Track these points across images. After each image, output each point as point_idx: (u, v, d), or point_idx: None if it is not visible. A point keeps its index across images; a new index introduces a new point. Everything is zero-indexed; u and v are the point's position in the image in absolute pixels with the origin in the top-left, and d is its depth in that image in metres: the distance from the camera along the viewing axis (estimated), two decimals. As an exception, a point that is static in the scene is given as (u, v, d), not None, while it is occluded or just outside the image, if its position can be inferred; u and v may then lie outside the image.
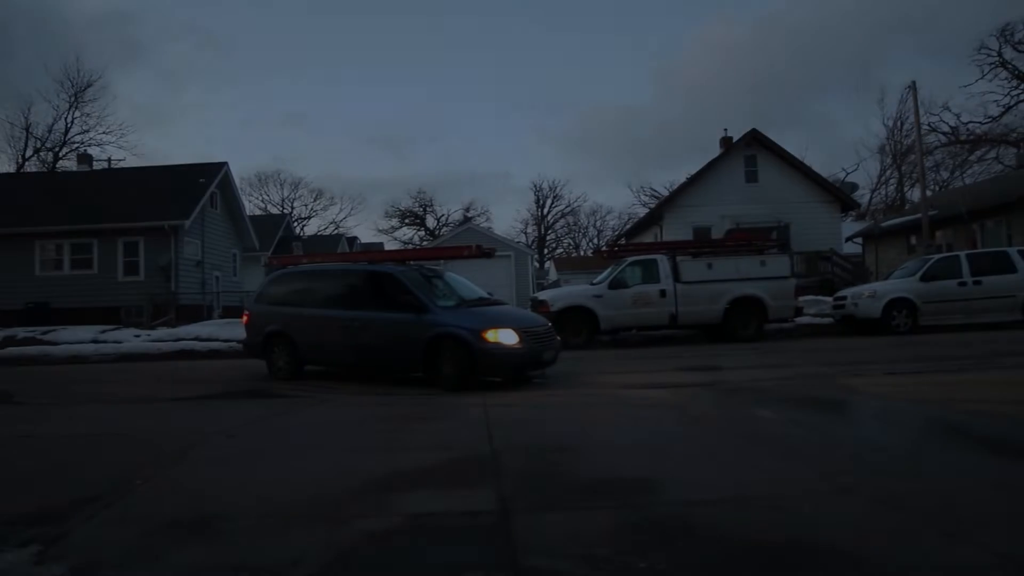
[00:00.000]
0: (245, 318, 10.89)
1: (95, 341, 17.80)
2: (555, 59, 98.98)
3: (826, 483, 3.36)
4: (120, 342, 17.42)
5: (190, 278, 27.22)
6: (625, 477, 3.53)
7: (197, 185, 28.13)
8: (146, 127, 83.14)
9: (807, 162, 32.75)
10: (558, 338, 9.17)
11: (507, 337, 8.12)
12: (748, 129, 28.00)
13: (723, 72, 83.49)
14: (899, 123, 50.20)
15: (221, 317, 25.73)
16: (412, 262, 10.40)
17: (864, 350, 12.03)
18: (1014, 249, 17.27)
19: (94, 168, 34.42)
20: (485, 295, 10.03)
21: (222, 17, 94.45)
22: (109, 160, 37.48)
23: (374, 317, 8.90)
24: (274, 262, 15.16)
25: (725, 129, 29.98)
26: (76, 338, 18.00)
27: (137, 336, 18.64)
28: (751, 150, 28.21)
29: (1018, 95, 45.65)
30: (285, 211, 58.78)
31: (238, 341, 16.23)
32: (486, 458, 4.08)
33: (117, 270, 26.43)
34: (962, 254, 16.99)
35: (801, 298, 16.85)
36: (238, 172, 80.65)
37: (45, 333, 19.28)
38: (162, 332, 19.21)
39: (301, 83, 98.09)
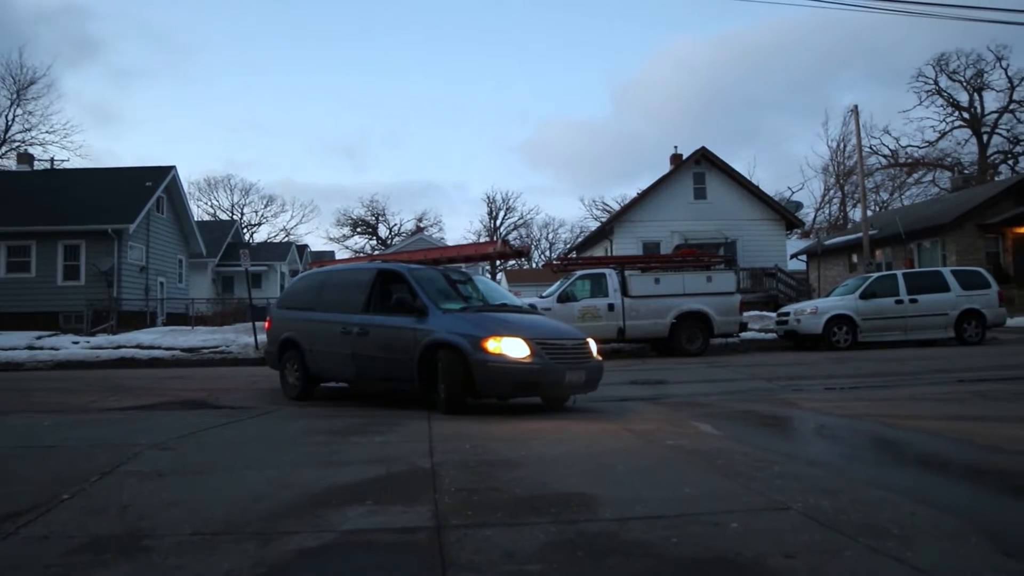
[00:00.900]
0: (267, 323, 10.16)
1: (30, 347, 17.24)
2: (515, 71, 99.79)
3: (761, 499, 3.42)
4: (57, 349, 16.90)
5: (133, 284, 26.55)
6: (562, 493, 3.54)
7: (143, 189, 27.51)
8: (94, 127, 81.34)
9: (756, 180, 33.62)
10: (598, 358, 7.48)
11: (513, 348, 6.66)
12: (698, 147, 28.52)
13: (678, 89, 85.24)
14: (842, 145, 51.92)
15: (165, 324, 25.13)
16: (446, 265, 9.82)
17: (805, 365, 12.33)
18: (948, 269, 17.97)
19: (35, 168, 33.34)
20: (520, 303, 8.80)
21: (179, 16, 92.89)
22: (52, 160, 36.35)
23: (373, 322, 7.71)
24: (313, 265, 14.92)
25: (676, 146, 30.56)
26: (9, 344, 17.38)
27: (75, 343, 18.10)
28: (700, 168, 28.78)
29: (953, 122, 47.61)
30: (234, 217, 57.76)
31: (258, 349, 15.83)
32: (425, 473, 4.05)
33: (56, 274, 25.66)
34: (899, 273, 17.59)
35: (746, 313, 17.25)
36: (188, 176, 79.23)
37: (-24, 339, 18.57)
38: (102, 339, 18.69)
39: (257, 88, 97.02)
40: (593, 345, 7.46)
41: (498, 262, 50.23)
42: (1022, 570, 2.44)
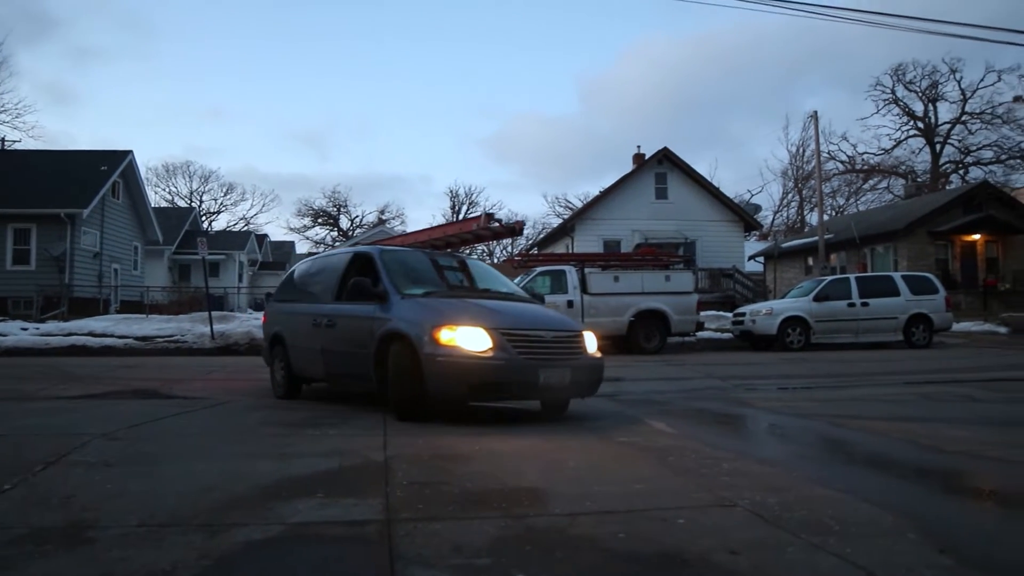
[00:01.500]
0: (263, 317, 9.64)
1: (-25, 333, 16.71)
2: (484, 64, 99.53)
3: (709, 496, 3.49)
4: (4, 335, 16.46)
5: (86, 270, 25.95)
6: (513, 487, 3.57)
7: (99, 173, 26.87)
8: (50, 107, 79.11)
9: (717, 182, 34.09)
10: (594, 355, 6.25)
11: (470, 339, 5.52)
12: (661, 147, 28.80)
13: (645, 88, 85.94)
14: (801, 149, 52.95)
15: (119, 312, 24.59)
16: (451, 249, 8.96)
17: (759, 365, 12.55)
18: (898, 274, 18.46)
19: (-16, 149, 32.34)
20: (518, 291, 7.36)
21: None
22: (3, 141, 35.28)
23: (340, 312, 6.86)
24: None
25: (639, 146, 30.84)
26: (-47, 329, 16.84)
27: (24, 329, 17.63)
28: (662, 168, 29.07)
29: (908, 131, 48.86)
30: (193, 204, 56.74)
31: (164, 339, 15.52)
32: (378, 466, 4.05)
33: (5, 258, 25.00)
34: (852, 277, 18.02)
35: (703, 313, 17.50)
36: (146, 161, 77.66)
37: (-82, 323, 18.00)
38: (52, 326, 18.23)
39: (222, 73, 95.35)
40: (591, 340, 6.26)
41: (487, 244, 49.70)
42: (953, 566, 2.53)
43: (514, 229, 7.78)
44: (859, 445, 5.26)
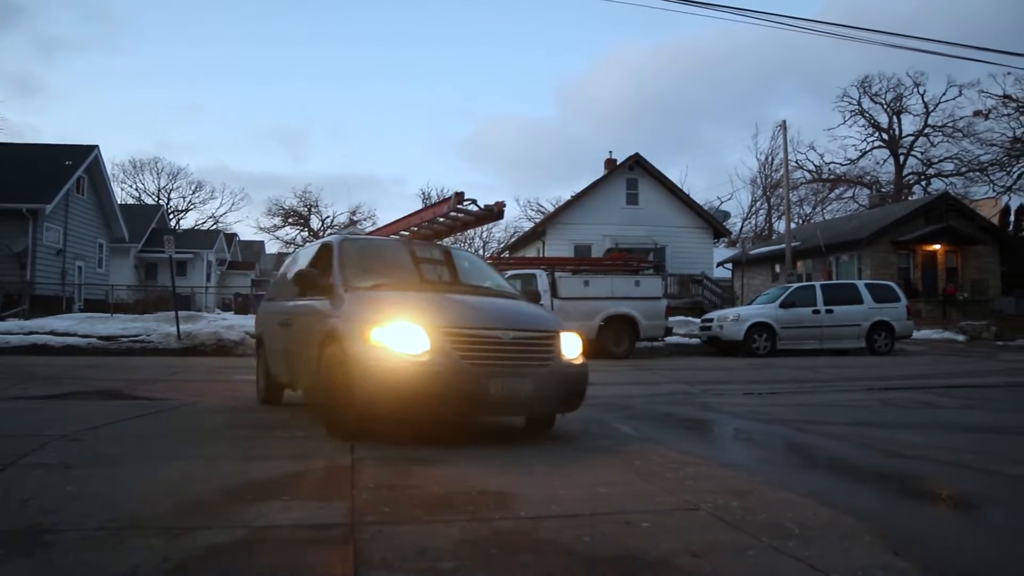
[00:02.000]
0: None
1: (-70, 331, 16.32)
2: (460, 66, 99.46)
3: (673, 499, 3.53)
4: (-39, 333, 16.03)
5: (49, 267, 25.46)
6: (480, 491, 3.57)
7: (63, 168, 26.39)
8: (14, 98, 77.20)
9: (688, 188, 34.48)
10: (570, 361, 5.23)
11: (401, 338, 4.59)
12: (632, 153, 29.02)
13: (620, 93, 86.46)
14: (770, 158, 53.68)
15: (82, 311, 24.13)
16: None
17: (726, 370, 12.70)
18: (862, 282, 18.80)
19: (-57, 141, 31.59)
20: (503, 287, 6.30)
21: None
22: (-39, 134, 34.50)
23: (296, 309, 6.27)
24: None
25: (610, 151, 31.08)
26: (-92, 327, 16.43)
27: (-19, 327, 17.19)
28: (634, 173, 29.32)
29: (873, 142, 49.84)
30: (161, 202, 55.88)
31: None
32: (344, 469, 4.03)
33: (-37, 254, 24.35)
34: (817, 284, 18.32)
35: (672, 319, 17.64)
36: (114, 156, 76.37)
37: None
38: (12, 324, 17.85)
39: (195, 68, 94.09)
40: (570, 343, 5.24)
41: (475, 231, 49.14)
42: (908, 568, 2.59)
43: (493, 211, 7.33)
44: (821, 449, 5.35)
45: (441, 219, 7.94)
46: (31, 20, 78.17)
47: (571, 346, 5.29)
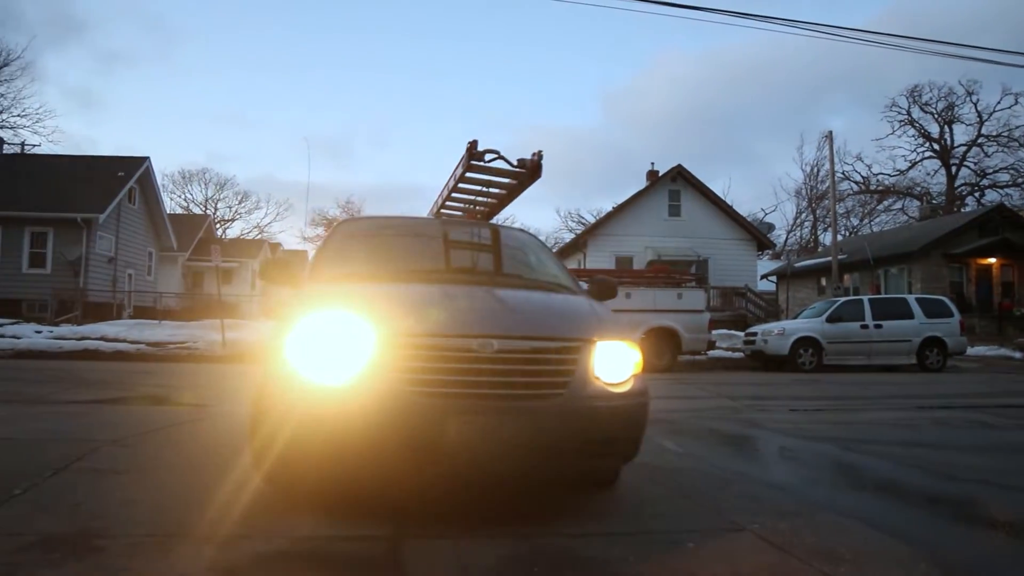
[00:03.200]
0: None
1: (-10, 335, 16.87)
2: (505, 76, 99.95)
3: (718, 519, 3.46)
4: (19, 337, 16.58)
5: (101, 275, 26.15)
6: (523, 512, 3.55)
7: (116, 179, 27.13)
8: (73, 110, 79.84)
9: (731, 199, 34.08)
10: (607, 388, 3.39)
11: (321, 352, 3.16)
12: (675, 164, 28.83)
13: (666, 103, 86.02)
14: (815, 169, 52.83)
15: (132, 317, 24.75)
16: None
17: (771, 385, 12.47)
18: (912, 296, 18.32)
19: (4, 152, 32.73)
20: (551, 278, 4.57)
21: (173, 1, 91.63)
22: (22, 145, 35.69)
23: (283, 314, 5.07)
24: None
25: (652, 163, 30.90)
26: (-31, 331, 17.01)
27: (38, 332, 17.77)
28: (676, 185, 29.10)
29: (923, 152, 48.73)
30: (208, 212, 57.10)
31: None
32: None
33: (22, 261, 25.20)
34: (865, 299, 17.90)
35: (715, 332, 17.41)
36: (165, 168, 78.33)
37: (-66, 323, 18.18)
38: (66, 329, 18.36)
39: (246, 81, 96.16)
40: (613, 356, 3.46)
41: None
42: (966, 599, 2.50)
43: (527, 166, 5.88)
44: (870, 470, 5.20)
45: (471, 189, 6.68)
46: (91, 34, 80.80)
47: (614, 363, 3.43)
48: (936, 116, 48.13)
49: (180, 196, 61.28)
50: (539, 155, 5.86)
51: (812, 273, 34.49)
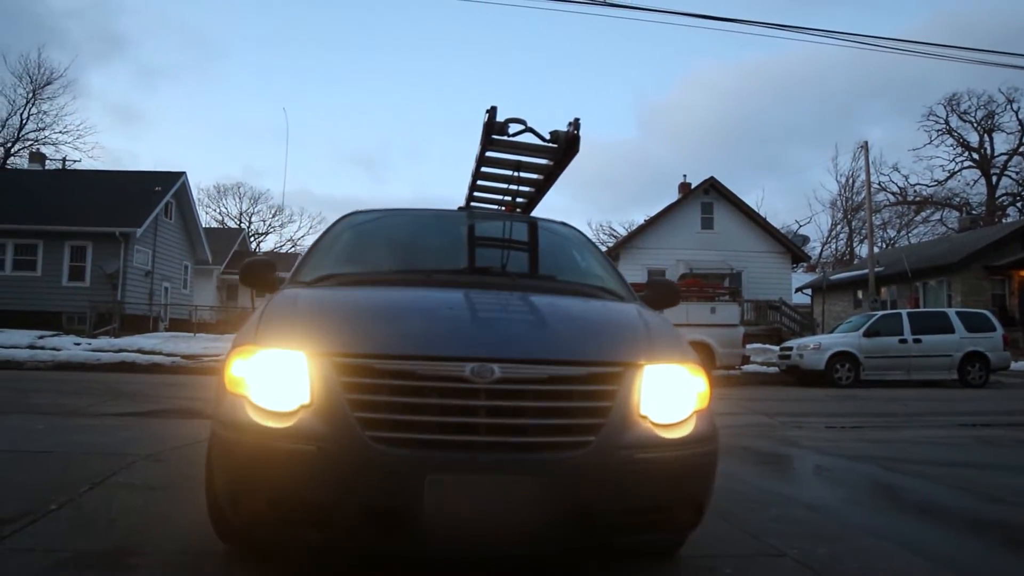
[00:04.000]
0: None
1: (31, 347, 17.28)
2: (540, 88, 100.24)
3: (756, 543, 3.38)
4: (58, 349, 16.93)
5: (138, 288, 26.65)
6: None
7: (152, 193, 27.69)
8: (115, 125, 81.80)
9: (765, 210, 33.71)
10: (660, 429, 2.43)
11: (265, 381, 2.40)
12: (707, 177, 28.66)
13: (699, 115, 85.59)
14: (850, 180, 52.03)
15: (167, 330, 25.17)
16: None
17: (807, 401, 12.26)
18: (953, 310, 17.93)
19: (46, 168, 33.60)
20: (594, 279, 3.66)
21: (208, 15, 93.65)
22: (64, 161, 36.64)
23: None
24: None
25: (684, 175, 30.74)
26: (11, 342, 17.44)
27: (77, 344, 18.14)
28: (708, 197, 28.90)
29: (962, 162, 47.79)
30: (242, 225, 57.97)
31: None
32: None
33: (62, 274, 25.77)
34: (904, 312, 17.57)
35: (749, 346, 17.20)
36: (200, 181, 79.80)
37: (-22, 336, 18.64)
38: (103, 342, 18.73)
39: (285, 94, 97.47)
40: (670, 385, 2.55)
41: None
42: (1020, 633, 2.39)
43: (560, 138, 4.88)
44: (912, 492, 5.06)
45: (500, 175, 5.61)
46: (133, 50, 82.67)
47: (669, 395, 2.52)
48: (975, 125, 47.25)
49: (215, 210, 62.31)
50: (575, 125, 4.71)
51: (848, 286, 33.94)
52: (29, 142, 40.43)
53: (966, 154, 48.38)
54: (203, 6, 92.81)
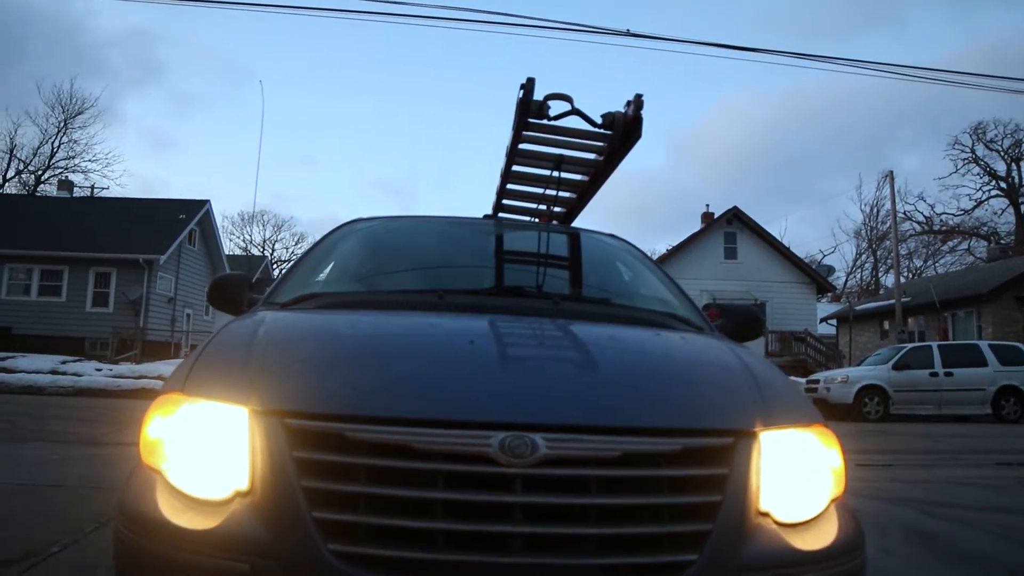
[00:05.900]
0: None
1: (54, 372, 17.37)
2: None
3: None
4: (80, 375, 16.99)
5: (160, 314, 26.83)
6: None
7: (177, 221, 28.01)
8: (146, 151, 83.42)
9: (790, 239, 33.35)
10: (785, 532, 1.56)
11: (185, 454, 1.66)
12: (731, 206, 28.49)
13: (722, 141, 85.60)
14: (875, 209, 51.55)
15: (189, 356, 25.23)
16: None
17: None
18: (985, 343, 17.51)
19: (74, 196, 34.15)
20: (678, 308, 2.94)
21: (241, 44, 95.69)
22: (92, 188, 37.23)
23: None
24: None
25: (707, 204, 30.59)
26: (34, 367, 17.55)
27: (99, 370, 18.21)
28: (732, 227, 28.70)
29: (989, 191, 47.19)
30: (265, 253, 58.55)
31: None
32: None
33: (86, 300, 26.03)
34: (934, 345, 17.20)
35: (774, 378, 16.86)
36: (228, 207, 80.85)
37: (3, 360, 18.78)
38: (125, 368, 18.78)
39: (313, 123, 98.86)
40: (792, 463, 1.65)
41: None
42: None
43: (616, 122, 3.41)
44: (952, 540, 4.80)
45: (535, 176, 4.39)
46: (168, 78, 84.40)
47: (797, 478, 1.67)
48: (1002, 153, 46.67)
49: (239, 237, 63.00)
50: (637, 104, 3.47)
51: (874, 316, 33.41)
52: (59, 170, 41.29)
53: (993, 183, 47.79)
54: (238, 34, 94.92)
